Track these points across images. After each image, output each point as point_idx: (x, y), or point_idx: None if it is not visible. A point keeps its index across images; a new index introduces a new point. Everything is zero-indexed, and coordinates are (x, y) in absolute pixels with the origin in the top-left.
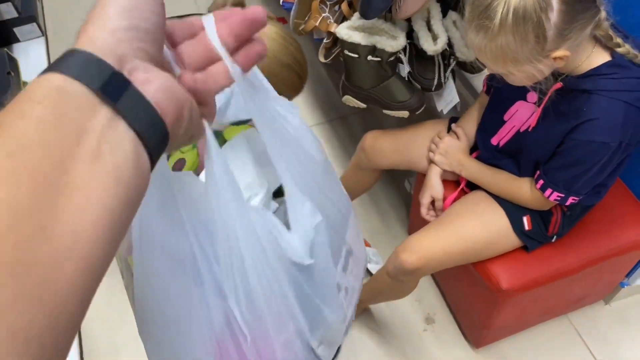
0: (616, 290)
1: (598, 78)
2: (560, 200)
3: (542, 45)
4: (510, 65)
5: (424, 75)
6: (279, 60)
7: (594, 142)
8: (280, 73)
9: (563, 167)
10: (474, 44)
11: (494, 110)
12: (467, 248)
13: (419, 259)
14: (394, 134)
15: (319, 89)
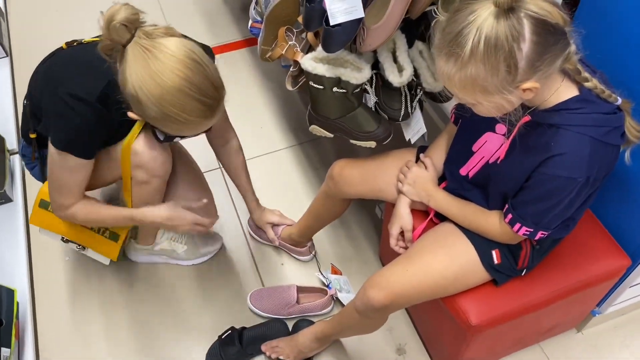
0: (588, 318)
1: (566, 113)
2: (529, 234)
3: (513, 76)
4: (479, 95)
5: (391, 106)
6: (176, 89)
7: (560, 177)
8: (178, 102)
9: (531, 202)
10: (443, 72)
11: (462, 140)
12: (436, 283)
13: (387, 296)
14: (362, 163)
15: (290, 112)
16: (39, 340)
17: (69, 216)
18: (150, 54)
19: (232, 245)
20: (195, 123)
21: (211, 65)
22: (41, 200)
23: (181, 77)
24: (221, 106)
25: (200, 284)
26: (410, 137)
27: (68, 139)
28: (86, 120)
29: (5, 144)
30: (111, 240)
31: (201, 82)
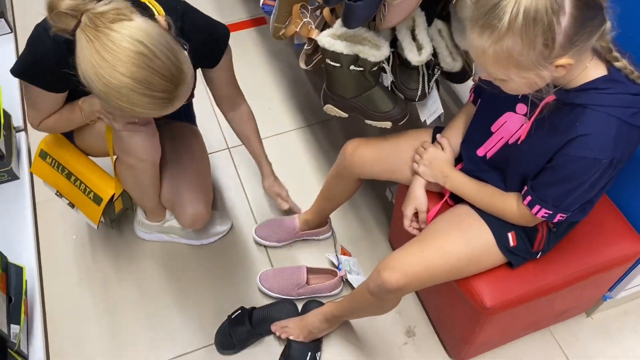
0: (598, 303)
1: (594, 92)
2: (548, 217)
3: (550, 50)
4: (512, 71)
5: (408, 85)
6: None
7: (585, 158)
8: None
9: (553, 183)
10: (476, 46)
11: (481, 120)
12: (451, 266)
13: (401, 278)
14: (377, 143)
15: (299, 93)
16: (47, 317)
17: (41, 128)
18: (93, 47)
19: (242, 227)
20: (152, 114)
21: (164, 54)
22: (41, 150)
23: (124, 74)
24: (181, 92)
25: (210, 264)
26: (425, 118)
27: (24, 68)
28: (48, 55)
29: (12, 120)
30: (94, 203)
31: (149, 78)
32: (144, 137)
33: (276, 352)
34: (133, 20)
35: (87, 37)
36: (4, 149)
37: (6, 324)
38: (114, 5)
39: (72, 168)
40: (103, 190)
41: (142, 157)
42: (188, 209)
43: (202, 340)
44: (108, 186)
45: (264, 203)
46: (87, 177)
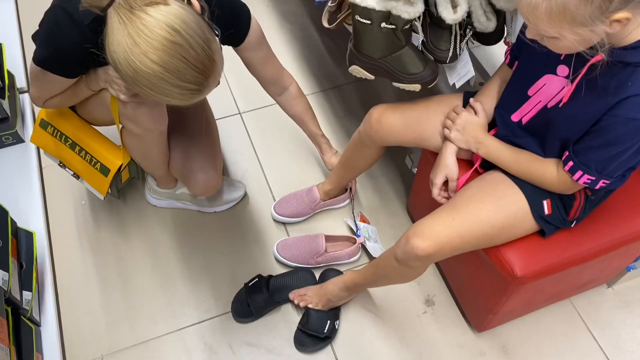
0: (621, 274)
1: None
2: (590, 183)
3: (608, 3)
4: (565, 27)
5: (438, 46)
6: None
7: (636, 119)
8: (155, 86)
9: (598, 147)
10: (527, 3)
11: (517, 84)
12: (483, 233)
13: (432, 245)
14: (404, 108)
15: (312, 56)
16: (57, 284)
17: (45, 106)
18: (125, 30)
19: (255, 194)
20: (178, 103)
21: (198, 43)
22: (42, 120)
23: (155, 62)
24: (210, 84)
25: (224, 232)
26: (455, 82)
27: (49, 59)
28: (70, 43)
29: (15, 80)
30: (101, 174)
31: (180, 68)
32: (149, 106)
33: (294, 320)
34: (169, 4)
35: (120, 19)
36: (8, 110)
37: (19, 290)
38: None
39: (76, 138)
40: (110, 161)
41: (148, 126)
42: (199, 175)
43: (218, 309)
44: (115, 157)
45: (278, 169)
46: (93, 147)
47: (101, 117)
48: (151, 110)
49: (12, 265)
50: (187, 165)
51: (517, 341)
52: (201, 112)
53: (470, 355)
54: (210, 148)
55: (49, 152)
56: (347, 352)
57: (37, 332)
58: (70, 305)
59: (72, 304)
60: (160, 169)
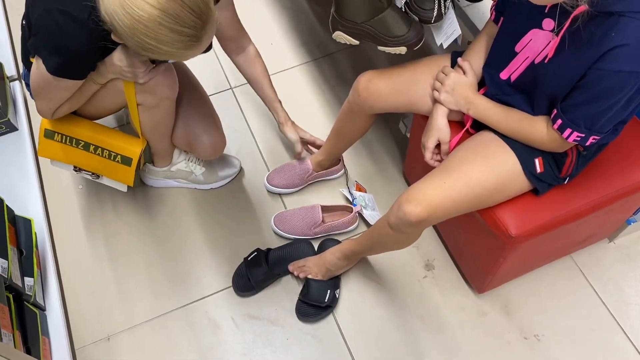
0: (622, 228)
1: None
2: (580, 140)
3: None
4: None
5: (422, 6)
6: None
7: (621, 71)
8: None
9: (585, 103)
10: None
11: (504, 40)
12: (475, 195)
13: (424, 210)
14: (391, 73)
15: (301, 26)
16: (60, 268)
17: (55, 116)
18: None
19: (251, 169)
20: (178, 54)
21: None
22: (45, 130)
23: (153, 5)
24: (208, 33)
25: (221, 208)
26: (442, 42)
27: (63, 65)
28: (80, 42)
29: (4, 69)
30: (124, 165)
31: (178, 10)
32: (163, 74)
33: (295, 291)
34: None
35: None
36: None
37: (20, 277)
38: None
39: (88, 138)
40: (130, 150)
41: (165, 93)
42: (204, 139)
43: (220, 284)
44: (133, 144)
45: (272, 144)
46: (108, 142)
47: (112, 105)
48: (165, 76)
49: (11, 253)
50: (190, 133)
51: (519, 300)
52: (188, 81)
53: (472, 317)
54: (206, 109)
55: (59, 160)
56: (349, 319)
57: (42, 317)
58: (73, 289)
59: (75, 287)
60: (166, 141)
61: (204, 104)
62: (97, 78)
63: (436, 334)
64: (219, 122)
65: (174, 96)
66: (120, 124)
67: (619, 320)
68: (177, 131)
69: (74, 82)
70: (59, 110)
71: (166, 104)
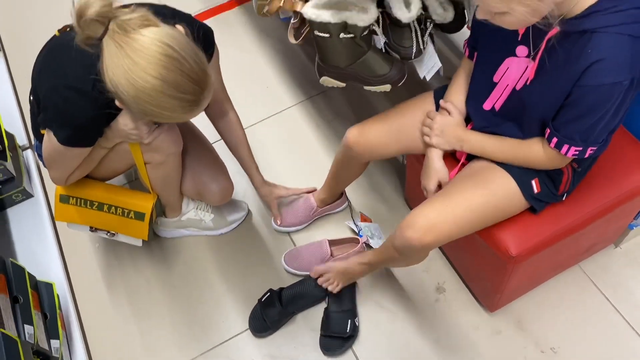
0: (625, 233)
1: (599, 14)
2: (579, 154)
3: None
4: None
5: (402, 44)
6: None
7: (604, 84)
8: (155, 101)
9: (576, 119)
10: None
11: (481, 73)
12: (478, 218)
13: (426, 235)
14: (379, 124)
15: (294, 66)
16: (84, 327)
17: (69, 182)
18: (123, 52)
19: (258, 210)
20: (179, 117)
21: (191, 57)
22: (60, 196)
23: (155, 76)
24: (206, 96)
25: (232, 252)
26: (424, 74)
27: (73, 135)
28: (87, 113)
29: (16, 140)
30: (137, 220)
31: (178, 80)
32: (167, 132)
33: (310, 326)
34: (159, 26)
35: (117, 43)
36: (13, 170)
37: (46, 340)
38: (140, 13)
39: (101, 199)
40: (142, 206)
41: (170, 149)
42: (212, 186)
43: (238, 327)
44: (144, 200)
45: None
46: (120, 200)
47: (121, 166)
48: (168, 134)
49: (35, 318)
50: (198, 182)
51: (531, 314)
52: (191, 132)
53: (486, 335)
54: (211, 157)
55: (75, 222)
56: (366, 349)
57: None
58: (99, 346)
59: (101, 344)
60: (176, 193)
61: (209, 152)
62: (104, 143)
63: (453, 356)
64: (225, 168)
65: (179, 151)
66: (129, 180)
67: (633, 325)
68: (185, 182)
69: (83, 150)
70: (72, 176)
71: (172, 159)
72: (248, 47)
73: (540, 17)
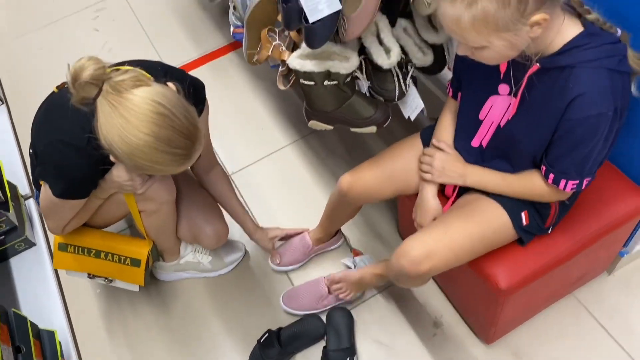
0: (617, 260)
1: (576, 50)
2: (577, 187)
3: (524, 5)
4: (492, 34)
5: (385, 87)
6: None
7: (590, 116)
8: (148, 157)
9: (568, 153)
10: (451, 16)
11: (466, 112)
12: (473, 247)
13: (423, 263)
14: (371, 168)
15: (288, 107)
16: None
17: (66, 232)
18: (116, 111)
19: (255, 250)
20: (171, 170)
21: (182, 113)
22: (59, 244)
23: (147, 134)
24: (197, 150)
25: (231, 292)
26: (409, 115)
27: (68, 189)
28: (82, 168)
29: (18, 190)
30: (134, 267)
31: (169, 135)
32: (160, 181)
33: None
34: (150, 85)
35: (110, 103)
36: (15, 220)
37: None
38: (132, 74)
39: (98, 246)
40: (138, 252)
41: (163, 199)
42: (207, 229)
43: None
44: (140, 247)
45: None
46: (117, 247)
47: (116, 215)
48: (161, 182)
49: None
50: (193, 226)
51: (528, 345)
52: (184, 176)
53: None
54: (205, 201)
55: (74, 270)
56: None
57: None
58: None
59: None
60: (172, 238)
61: (203, 196)
62: (99, 194)
63: None
64: (219, 211)
65: (172, 199)
66: (130, 224)
67: (629, 352)
68: (180, 226)
69: (79, 202)
70: (68, 226)
71: (166, 207)
72: (242, 90)
73: (518, 52)
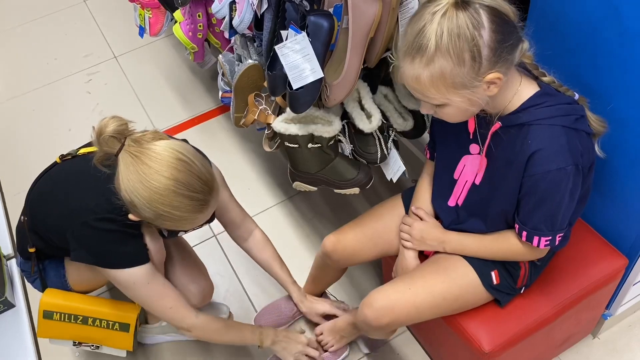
0: (601, 322)
1: (532, 109)
2: (550, 243)
3: (479, 64)
4: (451, 91)
5: (367, 150)
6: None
7: (550, 171)
8: (168, 201)
9: (536, 208)
10: (411, 74)
11: (442, 172)
12: (438, 304)
13: (384, 316)
14: (354, 230)
15: (274, 168)
16: None
17: (197, 328)
18: (138, 160)
19: (240, 313)
20: (189, 218)
21: (199, 161)
22: (44, 312)
23: (168, 177)
24: (214, 198)
25: (215, 354)
26: (391, 177)
27: (126, 257)
28: (121, 235)
29: (0, 250)
30: (122, 332)
31: (188, 179)
32: (150, 242)
33: None
34: (168, 139)
35: (132, 154)
36: None
37: None
38: (151, 131)
39: (85, 312)
40: (126, 317)
41: (153, 261)
42: (191, 288)
43: None
44: (128, 311)
45: (258, 286)
46: (104, 312)
47: (102, 278)
48: (151, 244)
49: None
50: (177, 283)
51: None
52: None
53: None
54: (190, 260)
55: (59, 338)
56: None
57: None
58: None
59: None
60: None
61: (188, 255)
62: None
63: None
64: (204, 269)
65: (161, 261)
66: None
67: None
68: None
69: (146, 270)
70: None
71: None
72: (230, 151)
73: (478, 108)
